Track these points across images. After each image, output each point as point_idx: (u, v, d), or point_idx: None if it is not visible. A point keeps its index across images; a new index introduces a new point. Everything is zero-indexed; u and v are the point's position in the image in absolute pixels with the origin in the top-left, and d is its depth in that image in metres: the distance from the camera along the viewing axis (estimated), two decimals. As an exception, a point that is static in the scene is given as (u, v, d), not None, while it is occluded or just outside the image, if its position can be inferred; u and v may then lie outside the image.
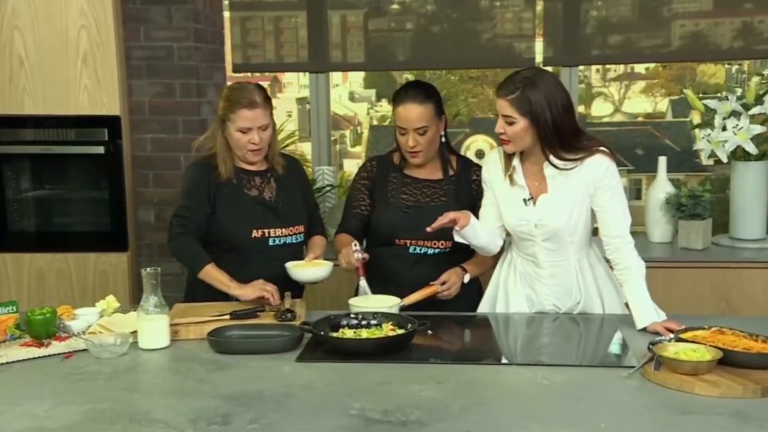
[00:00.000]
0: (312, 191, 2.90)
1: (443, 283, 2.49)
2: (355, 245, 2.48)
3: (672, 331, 2.11)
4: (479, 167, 2.64)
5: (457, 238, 2.43)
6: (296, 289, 2.56)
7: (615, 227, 2.34)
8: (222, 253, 2.53)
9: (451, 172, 2.65)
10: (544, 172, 2.36)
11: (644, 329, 2.23)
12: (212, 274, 2.45)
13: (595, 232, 2.45)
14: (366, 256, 2.48)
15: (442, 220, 2.35)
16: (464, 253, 2.61)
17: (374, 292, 2.48)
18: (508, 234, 2.53)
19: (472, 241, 2.45)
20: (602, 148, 2.33)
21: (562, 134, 2.29)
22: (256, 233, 2.56)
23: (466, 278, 2.54)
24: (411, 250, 2.59)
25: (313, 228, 2.74)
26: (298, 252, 2.62)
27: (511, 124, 2.30)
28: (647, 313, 2.25)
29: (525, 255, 2.47)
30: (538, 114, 2.26)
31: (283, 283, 2.47)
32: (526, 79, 2.29)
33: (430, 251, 2.59)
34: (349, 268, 2.47)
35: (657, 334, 2.15)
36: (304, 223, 2.66)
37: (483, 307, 2.58)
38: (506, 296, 2.52)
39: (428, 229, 2.37)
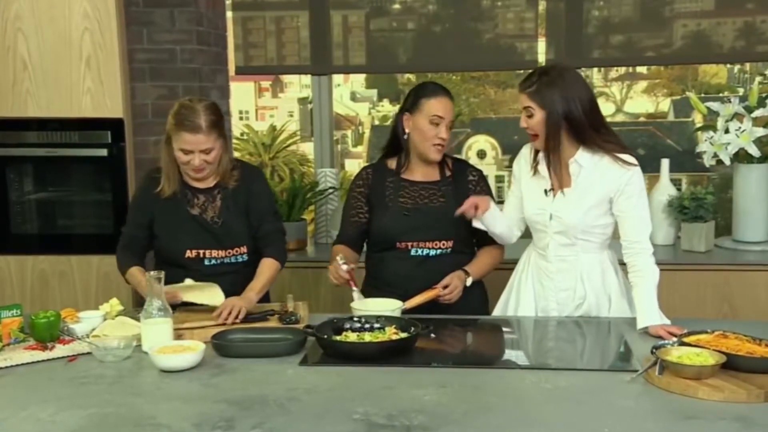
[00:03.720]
0: (263, 202, 2.63)
1: (445, 287, 2.49)
2: (340, 259, 2.49)
3: (674, 336, 2.11)
4: (475, 168, 2.72)
5: (476, 224, 2.52)
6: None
7: (635, 232, 2.37)
8: (163, 265, 2.53)
9: (448, 173, 2.67)
10: (569, 169, 2.40)
11: (646, 332, 2.24)
12: (134, 276, 2.50)
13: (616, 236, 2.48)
14: (352, 266, 2.51)
15: (465, 206, 2.45)
16: (466, 254, 2.63)
17: (377, 296, 2.49)
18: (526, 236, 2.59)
19: (490, 227, 2.54)
20: (629, 155, 2.37)
21: (583, 125, 2.35)
22: (189, 253, 2.54)
23: (469, 281, 2.55)
24: (413, 252, 2.59)
25: (264, 246, 2.58)
26: (237, 271, 2.56)
27: (531, 116, 2.37)
28: (651, 315, 2.25)
29: (538, 248, 2.52)
30: (555, 105, 2.33)
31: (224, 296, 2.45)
32: (543, 73, 2.39)
33: (432, 252, 2.59)
34: (340, 282, 2.49)
35: (659, 338, 2.15)
36: (247, 243, 2.59)
37: (498, 309, 2.62)
38: (518, 293, 2.55)
39: (456, 213, 2.46)
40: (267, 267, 2.54)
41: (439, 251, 2.59)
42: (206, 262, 2.55)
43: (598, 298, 2.45)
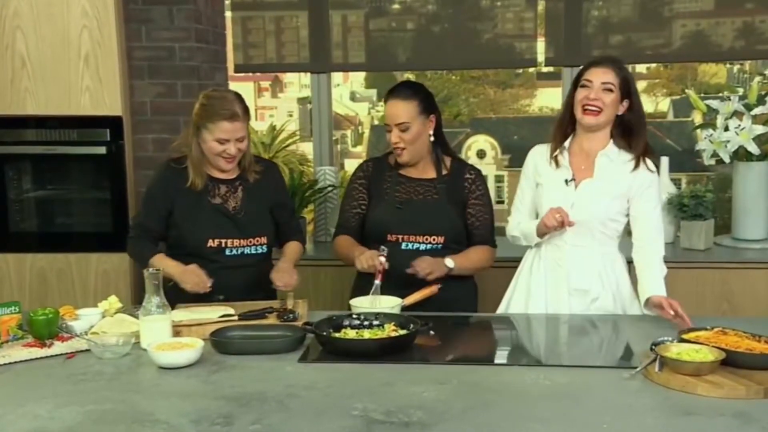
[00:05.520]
0: (287, 197, 2.78)
1: (428, 273, 2.48)
2: (383, 249, 2.48)
3: (675, 311, 2.17)
4: (473, 168, 2.72)
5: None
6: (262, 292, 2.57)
7: (649, 235, 2.42)
8: (181, 257, 2.54)
9: (444, 172, 2.67)
10: (594, 160, 2.44)
11: (647, 305, 2.30)
12: (159, 262, 2.46)
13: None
14: (387, 265, 2.47)
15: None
16: (458, 250, 2.62)
17: (371, 290, 2.49)
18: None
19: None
20: (653, 160, 2.45)
21: (634, 117, 2.44)
22: (211, 243, 2.55)
23: (449, 263, 2.54)
24: (403, 246, 2.59)
25: (287, 235, 2.72)
26: (256, 265, 2.58)
27: (610, 91, 2.40)
28: (656, 287, 2.31)
29: (551, 241, 2.50)
30: (632, 88, 2.43)
31: (241, 290, 2.50)
32: (616, 58, 2.51)
33: (423, 246, 2.59)
34: (370, 270, 2.47)
35: (660, 308, 2.23)
36: (268, 234, 2.63)
37: (501, 308, 2.62)
38: (527, 292, 2.55)
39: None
40: (293, 248, 2.69)
41: (430, 246, 2.59)
42: (227, 252, 2.56)
43: (613, 294, 2.47)
